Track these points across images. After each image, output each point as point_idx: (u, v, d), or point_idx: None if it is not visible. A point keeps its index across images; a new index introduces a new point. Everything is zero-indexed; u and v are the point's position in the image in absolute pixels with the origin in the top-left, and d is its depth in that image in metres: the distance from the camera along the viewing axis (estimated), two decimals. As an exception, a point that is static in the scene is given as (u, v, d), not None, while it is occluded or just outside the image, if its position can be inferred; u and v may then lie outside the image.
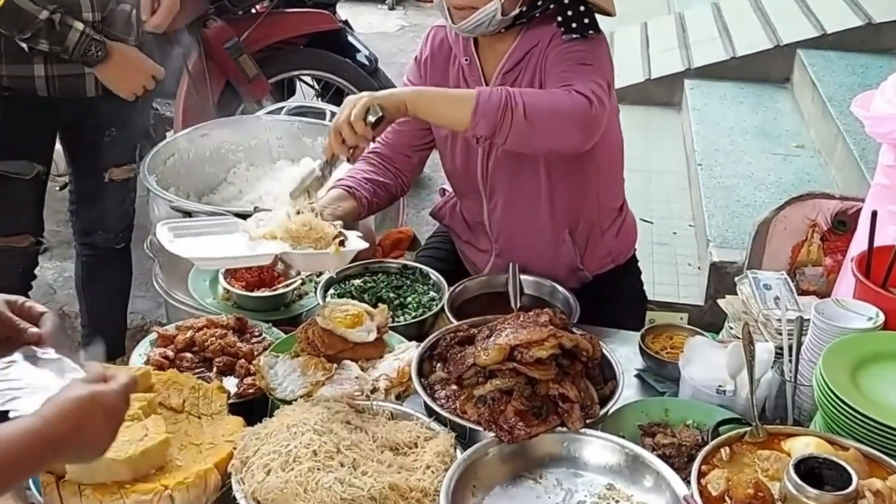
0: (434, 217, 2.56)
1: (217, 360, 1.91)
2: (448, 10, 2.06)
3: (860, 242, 2.11)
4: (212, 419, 1.68)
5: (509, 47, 2.12)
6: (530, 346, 1.61)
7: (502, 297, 2.12)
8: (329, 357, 1.81)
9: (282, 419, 1.60)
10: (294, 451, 1.49)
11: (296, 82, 4.69)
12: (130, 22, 2.73)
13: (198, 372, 1.88)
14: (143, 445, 1.50)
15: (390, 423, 1.66)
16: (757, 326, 1.91)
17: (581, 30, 2.03)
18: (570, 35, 2.03)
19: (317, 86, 4.72)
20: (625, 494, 1.54)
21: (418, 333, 2.00)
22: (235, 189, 3.24)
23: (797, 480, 1.36)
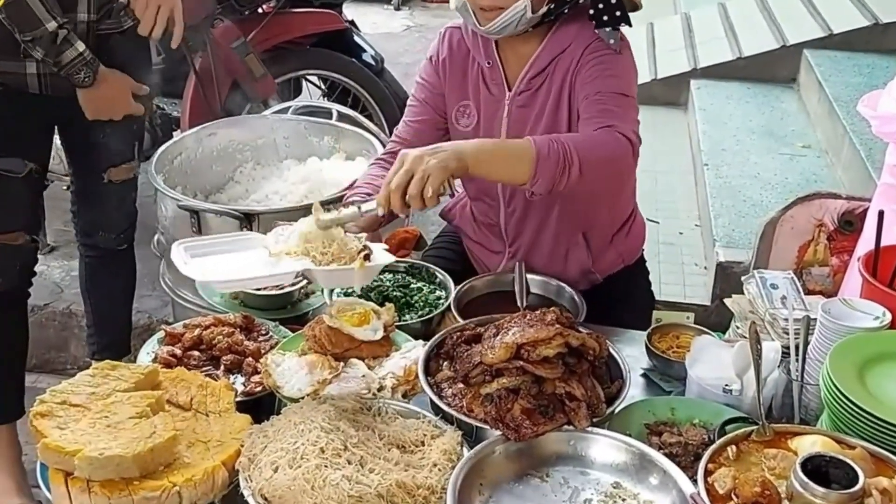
0: (443, 217, 2.55)
1: (224, 358, 1.92)
2: (473, 13, 2.03)
3: (867, 242, 2.10)
4: (219, 417, 1.69)
5: (534, 51, 2.10)
6: (537, 344, 1.61)
7: (508, 295, 2.12)
8: (336, 355, 1.81)
9: (289, 417, 1.60)
10: (301, 448, 1.50)
11: (302, 82, 4.69)
12: (124, 14, 2.66)
13: (205, 370, 1.89)
14: (151, 442, 1.51)
15: (397, 421, 1.66)
16: (763, 326, 1.91)
17: (613, 22, 2.02)
18: (603, 28, 2.02)
19: (323, 85, 4.72)
20: (631, 493, 1.55)
21: (425, 332, 2.00)
22: (242, 188, 3.25)
23: (804, 479, 1.36)
